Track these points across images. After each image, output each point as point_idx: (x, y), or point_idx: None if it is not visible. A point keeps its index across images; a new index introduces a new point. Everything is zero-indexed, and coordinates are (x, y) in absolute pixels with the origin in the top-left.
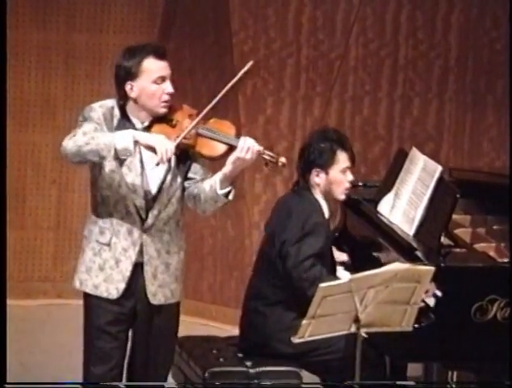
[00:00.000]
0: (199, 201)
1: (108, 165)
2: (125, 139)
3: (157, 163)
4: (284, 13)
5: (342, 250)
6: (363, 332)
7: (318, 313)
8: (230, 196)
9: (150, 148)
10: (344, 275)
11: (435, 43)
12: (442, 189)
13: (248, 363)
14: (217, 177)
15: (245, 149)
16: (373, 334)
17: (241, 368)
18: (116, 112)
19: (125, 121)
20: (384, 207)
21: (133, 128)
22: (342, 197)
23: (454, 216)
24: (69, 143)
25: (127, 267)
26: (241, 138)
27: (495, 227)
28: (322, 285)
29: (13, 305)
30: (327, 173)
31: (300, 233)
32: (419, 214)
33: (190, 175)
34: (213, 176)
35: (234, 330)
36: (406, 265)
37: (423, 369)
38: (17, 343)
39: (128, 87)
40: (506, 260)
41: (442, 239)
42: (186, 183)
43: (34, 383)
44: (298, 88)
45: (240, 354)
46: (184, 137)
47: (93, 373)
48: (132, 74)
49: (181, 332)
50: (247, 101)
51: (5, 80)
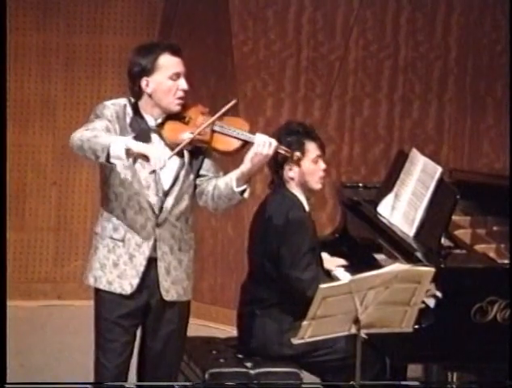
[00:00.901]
0: (212, 198)
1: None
2: (118, 146)
3: (152, 171)
4: (284, 14)
5: (342, 251)
6: (363, 333)
7: (318, 314)
8: (246, 195)
9: (143, 156)
10: (344, 276)
11: (435, 44)
12: (442, 190)
13: (248, 364)
14: (233, 175)
15: (262, 143)
16: (373, 335)
17: (241, 369)
18: (129, 110)
19: (138, 118)
20: (384, 208)
21: (146, 125)
22: (319, 186)
23: (454, 217)
24: (76, 135)
25: (141, 262)
26: (257, 134)
27: (495, 228)
28: (322, 286)
29: (13, 306)
30: (299, 166)
31: (284, 232)
32: (419, 215)
33: (202, 172)
34: (229, 174)
35: (234, 331)
36: (406, 266)
37: (423, 370)
38: (17, 343)
39: (144, 83)
40: (506, 261)
41: (442, 240)
42: (197, 181)
43: (34, 383)
44: (298, 89)
45: (240, 355)
46: (199, 133)
47: (105, 367)
48: (148, 70)
49: None
50: (247, 102)
51: (5, 82)
